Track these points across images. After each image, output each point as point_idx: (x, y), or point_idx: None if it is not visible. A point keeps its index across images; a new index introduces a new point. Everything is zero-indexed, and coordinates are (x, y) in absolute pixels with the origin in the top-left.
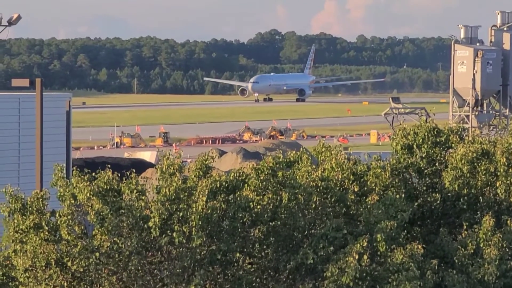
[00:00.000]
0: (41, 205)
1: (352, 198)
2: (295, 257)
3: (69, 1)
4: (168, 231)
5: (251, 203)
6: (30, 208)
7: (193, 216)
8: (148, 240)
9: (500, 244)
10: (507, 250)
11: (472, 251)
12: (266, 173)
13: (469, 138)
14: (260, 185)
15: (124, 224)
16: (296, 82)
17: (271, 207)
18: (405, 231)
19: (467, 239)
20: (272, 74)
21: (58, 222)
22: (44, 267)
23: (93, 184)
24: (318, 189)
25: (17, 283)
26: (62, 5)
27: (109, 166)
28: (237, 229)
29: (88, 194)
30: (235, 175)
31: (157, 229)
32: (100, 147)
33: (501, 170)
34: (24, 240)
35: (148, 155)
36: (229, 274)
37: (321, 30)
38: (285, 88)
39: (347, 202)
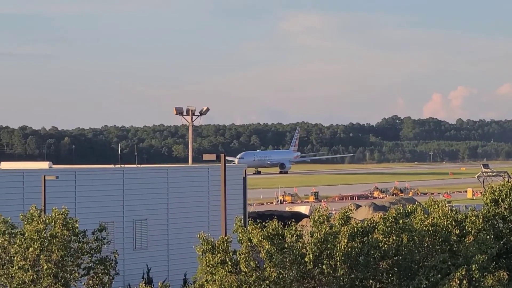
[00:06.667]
0: (226, 246)
1: (454, 238)
2: (413, 283)
3: (243, 97)
4: (320, 264)
5: (380, 243)
6: (218, 248)
7: (337, 253)
8: (305, 271)
9: None
10: None
11: None
12: (390, 221)
13: None
14: (386, 230)
15: (287, 260)
16: (278, 157)
17: (394, 246)
18: (494, 263)
19: None
20: (258, 151)
21: (238, 258)
22: None
23: (264, 230)
24: (429, 232)
25: None
26: (239, 99)
27: (275, 217)
28: (370, 262)
29: (260, 238)
30: (368, 222)
31: (311, 263)
32: (268, 203)
33: None
34: (213, 272)
35: (303, 209)
36: None
37: (430, 115)
38: (268, 162)
39: (450, 241)
